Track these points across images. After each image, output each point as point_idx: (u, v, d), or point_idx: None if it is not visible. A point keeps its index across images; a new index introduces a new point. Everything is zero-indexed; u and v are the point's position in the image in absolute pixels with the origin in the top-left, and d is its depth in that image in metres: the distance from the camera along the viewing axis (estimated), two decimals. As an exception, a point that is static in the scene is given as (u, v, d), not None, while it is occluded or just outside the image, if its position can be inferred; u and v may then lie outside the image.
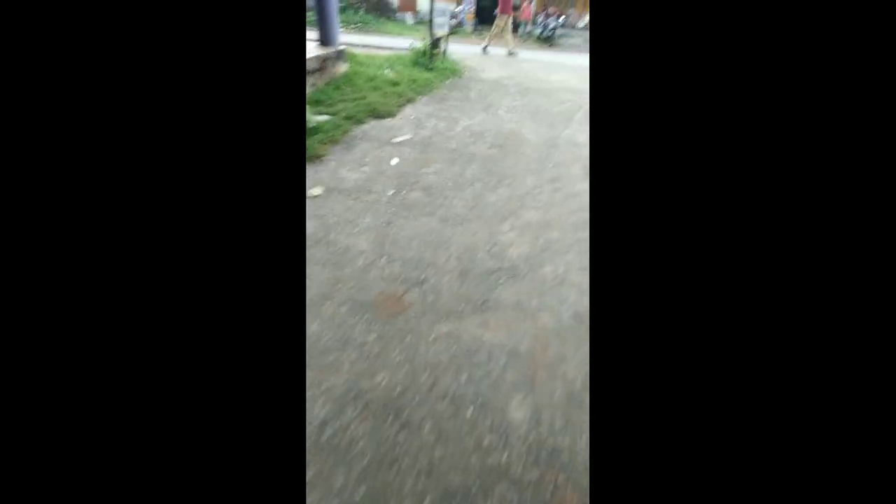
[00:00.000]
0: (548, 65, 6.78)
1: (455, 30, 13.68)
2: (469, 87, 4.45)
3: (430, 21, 4.41)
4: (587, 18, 15.81)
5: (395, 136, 2.83)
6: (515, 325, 1.31)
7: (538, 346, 1.24)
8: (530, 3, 11.86)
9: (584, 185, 2.33)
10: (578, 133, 3.24)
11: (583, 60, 8.13)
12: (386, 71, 4.20)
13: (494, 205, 2.04)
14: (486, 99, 4.03)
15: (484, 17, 15.66)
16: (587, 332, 1.28)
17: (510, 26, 7.61)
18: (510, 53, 7.54)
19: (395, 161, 2.45)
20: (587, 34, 11.70)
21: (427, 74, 4.40)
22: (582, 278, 1.54)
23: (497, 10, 7.51)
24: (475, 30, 14.48)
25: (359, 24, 12.82)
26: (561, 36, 13.29)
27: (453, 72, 4.89)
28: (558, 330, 1.31)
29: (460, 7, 14.61)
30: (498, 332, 1.28)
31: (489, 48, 7.86)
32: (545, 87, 4.81)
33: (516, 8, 7.35)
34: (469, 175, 2.35)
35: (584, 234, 1.83)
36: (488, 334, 1.27)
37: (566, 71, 6.21)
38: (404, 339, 1.23)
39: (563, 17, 13.51)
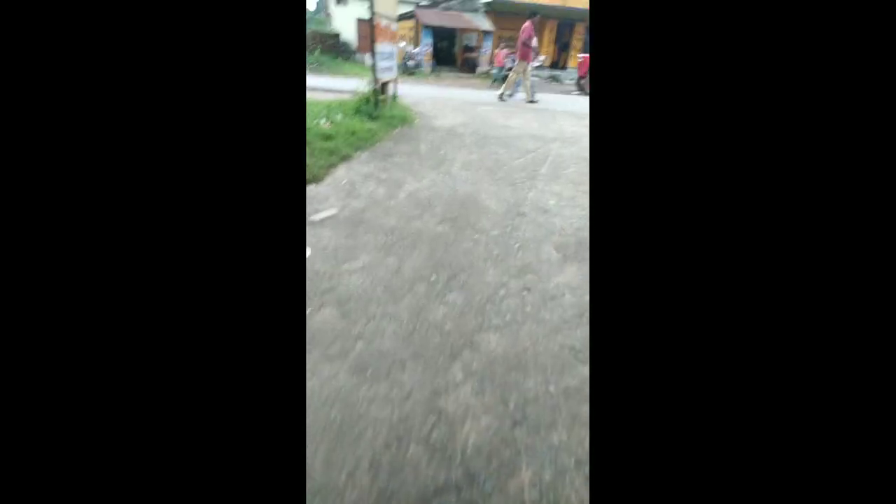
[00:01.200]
0: (505, 108, 6.44)
1: (412, 71, 13.56)
2: (419, 137, 3.92)
3: (374, 65, 3.89)
4: (541, 59, 16.20)
5: (316, 213, 2.19)
6: None
7: None
8: (503, 50, 12.00)
9: (562, 278, 1.75)
10: (547, 194, 2.71)
11: (541, 103, 7.92)
12: (321, 122, 3.61)
13: (441, 327, 1.41)
14: (438, 152, 3.49)
15: (441, 58, 15.76)
16: None
17: (529, 74, 7.28)
18: (531, 101, 7.18)
19: (307, 254, 1.80)
20: (542, 73, 11.82)
21: (370, 124, 3.84)
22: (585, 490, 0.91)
23: (517, 57, 7.21)
24: (433, 71, 14.45)
25: (313, 65, 12.43)
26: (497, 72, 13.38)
27: (403, 120, 4.37)
28: None
29: (417, 49, 14.58)
30: None
31: (506, 95, 7.48)
32: (504, 134, 4.37)
33: (534, 53, 7.09)
34: (409, 271, 1.72)
35: (574, 380, 1.22)
36: None
37: (525, 114, 5.86)
38: None
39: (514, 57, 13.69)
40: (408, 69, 13.55)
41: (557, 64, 16.48)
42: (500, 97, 7.38)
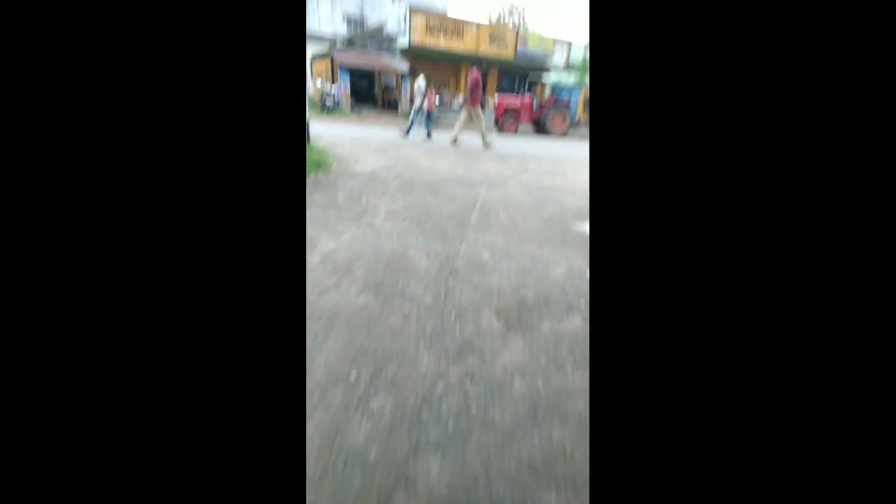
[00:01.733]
0: (429, 149, 6.35)
1: (331, 110, 13.26)
2: (337, 185, 3.58)
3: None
4: (460, 98, 16.85)
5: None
6: None
7: None
8: (433, 92, 12.16)
9: (508, 357, 1.49)
10: (479, 246, 2.50)
11: (463, 143, 8.02)
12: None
13: (363, 457, 1.05)
14: (358, 202, 3.17)
15: (360, 96, 15.72)
16: None
17: (482, 117, 7.16)
18: (486, 144, 7.02)
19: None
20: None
21: (280, 171, 3.43)
22: None
23: (466, 101, 7.07)
24: (353, 109, 14.29)
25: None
26: (438, 115, 13.68)
27: (318, 165, 4.01)
28: None
29: (335, 85, 14.36)
30: None
31: (459, 139, 7.27)
32: (431, 178, 4.19)
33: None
34: (320, 370, 1.35)
35: (543, 523, 0.92)
36: None
37: (449, 155, 5.80)
38: None
39: (438, 96, 14.05)
40: (326, 108, 13.23)
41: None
42: (454, 141, 7.25)
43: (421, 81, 7.94)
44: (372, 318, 1.65)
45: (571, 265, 2.32)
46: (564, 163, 6.04)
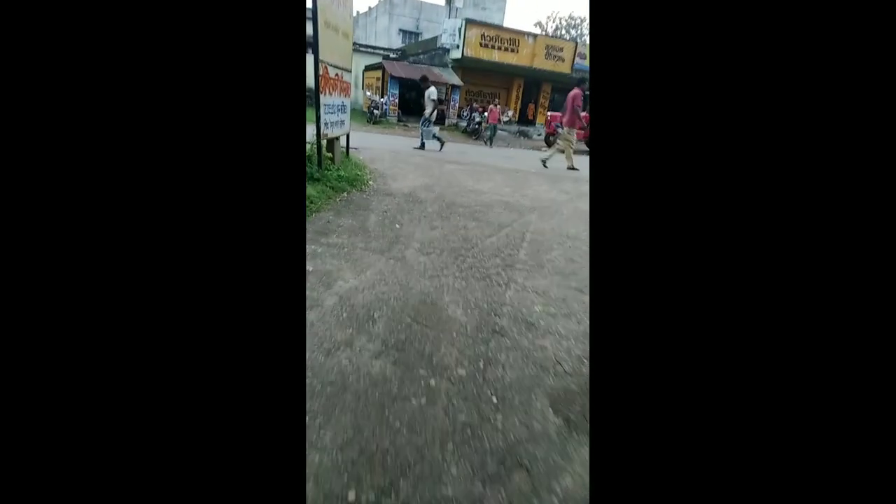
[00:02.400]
0: (474, 167, 5.97)
1: (378, 120, 13.27)
2: (370, 205, 3.25)
3: (317, 118, 3.26)
4: (510, 113, 16.49)
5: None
6: None
7: None
8: (497, 107, 12.04)
9: (569, 480, 1.04)
10: (529, 295, 2.06)
11: (511, 161, 7.59)
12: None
13: None
14: (391, 227, 2.81)
15: (408, 107, 15.71)
16: None
17: (573, 141, 6.84)
18: (571, 168, 6.69)
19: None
20: (510, 128, 11.80)
21: (310, 189, 3.15)
22: None
23: (563, 122, 6.77)
24: (399, 121, 14.25)
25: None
26: (486, 129, 13.38)
27: (352, 182, 3.71)
28: None
29: (384, 98, 14.41)
30: None
31: (548, 161, 6.92)
32: (474, 201, 3.79)
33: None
34: (309, 480, 0.96)
35: None
36: None
37: (496, 174, 5.39)
38: None
39: (485, 111, 13.76)
40: (373, 118, 13.26)
41: (524, 119, 16.83)
42: (544, 163, 6.91)
43: (432, 91, 7.56)
44: (387, 398, 1.25)
45: (647, 330, 1.82)
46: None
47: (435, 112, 7.69)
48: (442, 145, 7.65)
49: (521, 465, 1.08)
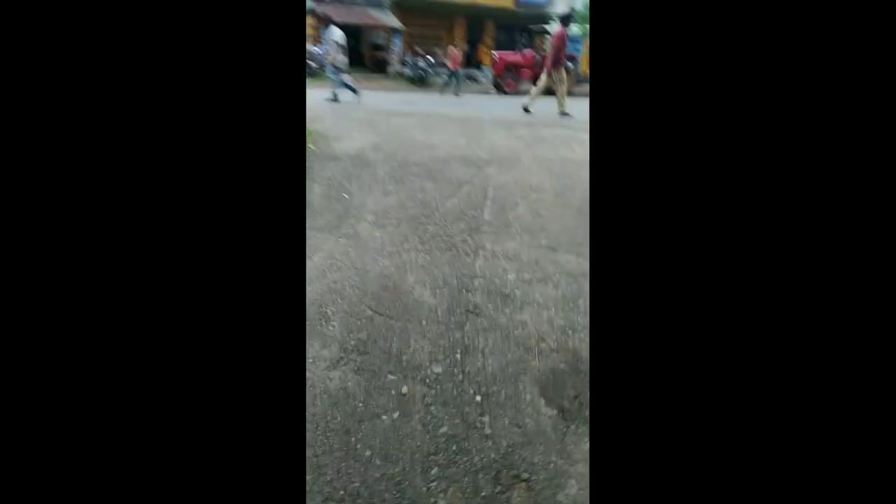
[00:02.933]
0: (425, 119, 5.55)
1: (314, 73, 12.16)
2: (311, 174, 2.86)
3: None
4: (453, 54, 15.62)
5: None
6: None
7: None
8: (457, 48, 10.96)
9: (575, 486, 0.90)
10: (501, 261, 1.87)
11: (463, 107, 7.18)
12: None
13: None
14: (338, 200, 2.48)
15: (352, 58, 14.49)
16: None
17: (564, 81, 6.27)
18: (562, 113, 6.19)
19: None
20: (444, 71, 11.11)
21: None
22: None
23: (546, 65, 6.17)
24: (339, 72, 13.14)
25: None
26: (431, 76, 12.66)
27: (290, 147, 3.29)
28: None
29: (318, 48, 13.15)
30: None
31: (531, 106, 6.41)
32: (429, 158, 3.48)
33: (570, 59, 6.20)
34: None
35: None
36: None
37: (449, 125, 5.04)
38: None
39: (430, 56, 12.93)
40: (310, 71, 12.13)
41: (470, 62, 16.01)
42: (525, 108, 6.43)
43: (334, 31, 6.84)
44: (352, 420, 1.05)
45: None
46: (579, 128, 5.28)
47: (340, 57, 6.96)
48: (355, 93, 6.97)
49: (518, 479, 0.93)
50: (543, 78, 6.39)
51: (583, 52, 12.46)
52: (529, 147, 4.05)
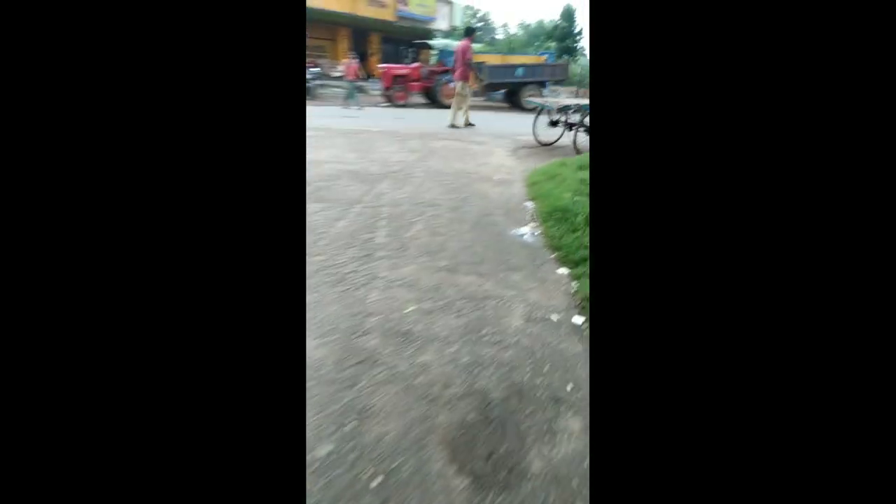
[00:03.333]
0: (312, 132, 5.17)
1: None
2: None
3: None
4: (341, 67, 15.19)
5: None
6: None
7: None
8: (355, 59, 10.20)
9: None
10: (398, 291, 1.68)
11: (352, 120, 6.89)
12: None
13: None
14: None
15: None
16: None
17: (468, 95, 6.20)
18: (466, 125, 6.21)
19: None
20: (343, 83, 10.74)
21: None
22: None
23: (455, 76, 6.13)
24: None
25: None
26: (318, 87, 12.11)
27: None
28: None
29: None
30: None
31: (459, 122, 6.30)
32: (315, 175, 3.16)
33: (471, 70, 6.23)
34: None
35: None
36: None
37: (337, 138, 4.73)
38: None
39: (317, 67, 12.36)
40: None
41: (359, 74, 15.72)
42: (452, 126, 6.29)
43: None
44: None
45: (531, 307, 1.62)
46: (468, 140, 5.36)
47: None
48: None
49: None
50: (458, 90, 6.48)
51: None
52: (421, 160, 3.95)
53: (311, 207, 2.48)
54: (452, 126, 6.29)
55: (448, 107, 6.73)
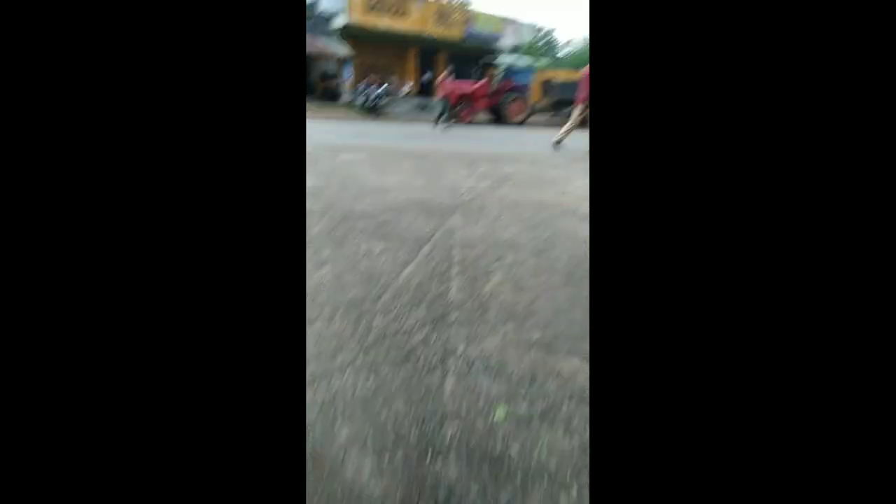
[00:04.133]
0: (374, 153, 5.00)
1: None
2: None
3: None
4: (408, 86, 15.41)
5: None
6: None
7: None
8: (451, 77, 10.39)
9: None
10: (478, 375, 1.28)
11: (418, 140, 6.72)
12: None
13: None
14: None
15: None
16: None
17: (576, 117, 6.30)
18: (558, 143, 6.37)
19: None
20: (413, 102, 10.74)
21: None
22: None
23: (578, 98, 6.22)
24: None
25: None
26: (385, 105, 12.28)
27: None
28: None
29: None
30: None
31: (560, 141, 6.37)
32: (378, 205, 2.89)
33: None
34: None
35: None
36: None
37: (403, 161, 4.50)
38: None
39: (384, 85, 12.57)
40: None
41: (423, 92, 15.87)
42: (556, 144, 6.37)
43: None
44: None
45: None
46: (544, 163, 4.92)
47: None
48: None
49: None
50: (576, 113, 6.35)
51: (534, 86, 12.55)
52: (493, 188, 3.56)
53: (374, 246, 2.17)
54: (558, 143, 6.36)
55: (515, 124, 6.42)
